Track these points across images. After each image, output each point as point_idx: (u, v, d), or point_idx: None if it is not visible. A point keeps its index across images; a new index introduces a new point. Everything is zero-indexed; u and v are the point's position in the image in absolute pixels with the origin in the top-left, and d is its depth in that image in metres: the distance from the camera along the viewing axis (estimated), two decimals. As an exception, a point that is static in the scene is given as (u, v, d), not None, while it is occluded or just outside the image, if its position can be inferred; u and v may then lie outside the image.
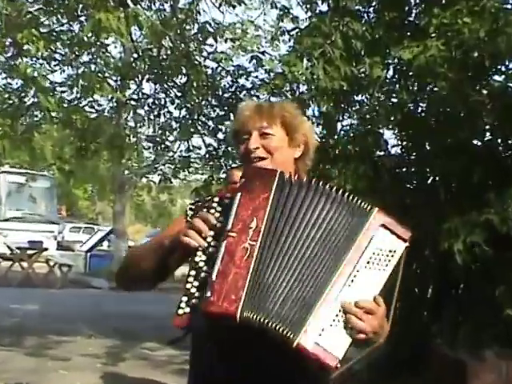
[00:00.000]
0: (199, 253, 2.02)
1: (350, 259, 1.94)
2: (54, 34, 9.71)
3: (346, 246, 1.96)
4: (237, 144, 2.29)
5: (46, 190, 24.62)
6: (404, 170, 8.12)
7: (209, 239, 2.03)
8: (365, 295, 1.94)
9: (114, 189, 23.09)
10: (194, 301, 1.98)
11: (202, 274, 2.00)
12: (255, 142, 2.21)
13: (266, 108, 2.27)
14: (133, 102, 11.07)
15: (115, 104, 11.41)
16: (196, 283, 2.00)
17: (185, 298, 1.99)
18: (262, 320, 1.89)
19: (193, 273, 2.01)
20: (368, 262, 1.95)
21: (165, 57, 10.42)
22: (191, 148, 11.19)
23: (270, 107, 2.28)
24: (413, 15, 7.92)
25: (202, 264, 2.01)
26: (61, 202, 35.07)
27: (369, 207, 2.00)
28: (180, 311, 1.98)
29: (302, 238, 1.97)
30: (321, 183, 2.02)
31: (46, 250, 18.84)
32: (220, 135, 9.78)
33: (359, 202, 2.00)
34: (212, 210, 2.08)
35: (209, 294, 1.91)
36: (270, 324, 1.88)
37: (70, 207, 43.87)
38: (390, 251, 1.96)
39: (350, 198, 2.01)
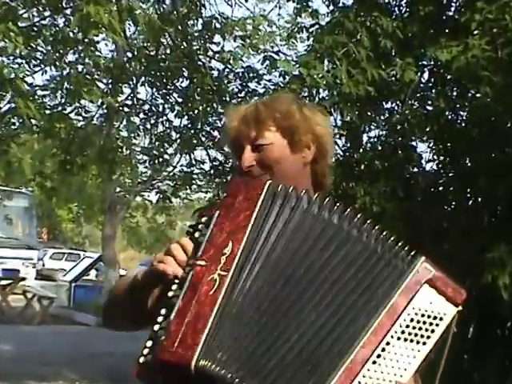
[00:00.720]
0: (174, 286, 1.87)
1: (379, 325, 1.72)
2: (35, 29, 9.77)
3: (374, 305, 1.74)
4: (235, 158, 2.16)
5: (24, 210, 24.69)
6: (441, 189, 8.10)
7: (187, 269, 1.88)
8: (394, 377, 1.71)
9: (103, 209, 23.14)
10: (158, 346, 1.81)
11: None
12: (248, 160, 2.07)
13: (251, 113, 2.11)
14: (126, 109, 11.12)
15: (106, 111, 11.44)
16: (165, 324, 1.83)
17: (149, 343, 1.83)
18: (223, 372, 1.71)
19: (163, 311, 1.85)
20: (403, 332, 1.72)
21: (164, 57, 10.48)
22: (193, 162, 11.23)
23: (256, 111, 2.10)
24: (452, 10, 7.94)
25: (175, 300, 1.86)
26: (41, 224, 35.16)
27: (411, 254, 1.79)
28: (141, 359, 1.81)
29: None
30: (326, 200, 1.85)
31: (24, 279, 18.87)
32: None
33: (392, 240, 1.81)
34: (197, 233, 1.94)
35: (163, 337, 1.76)
36: (235, 379, 1.71)
37: (52, 230, 43.98)
38: (435, 318, 1.74)
39: (375, 231, 1.82)
